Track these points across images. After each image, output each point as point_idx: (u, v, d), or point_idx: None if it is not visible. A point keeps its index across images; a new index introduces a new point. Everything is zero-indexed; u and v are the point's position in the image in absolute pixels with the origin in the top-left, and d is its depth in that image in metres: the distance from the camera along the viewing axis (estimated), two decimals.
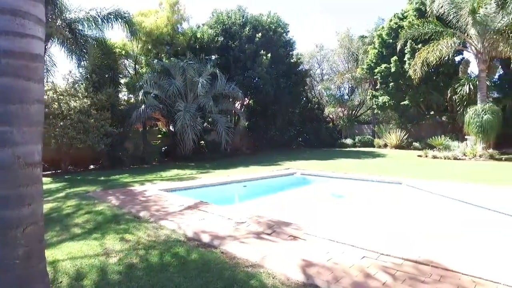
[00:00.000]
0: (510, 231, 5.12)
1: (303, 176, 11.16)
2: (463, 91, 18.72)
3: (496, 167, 12.04)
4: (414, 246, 4.03)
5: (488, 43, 15.78)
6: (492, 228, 5.42)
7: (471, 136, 16.25)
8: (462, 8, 16.03)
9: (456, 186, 8.15)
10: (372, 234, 4.82)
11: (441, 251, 3.79)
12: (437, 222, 5.92)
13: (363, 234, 4.55)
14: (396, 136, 22.48)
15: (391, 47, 21.69)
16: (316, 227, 4.58)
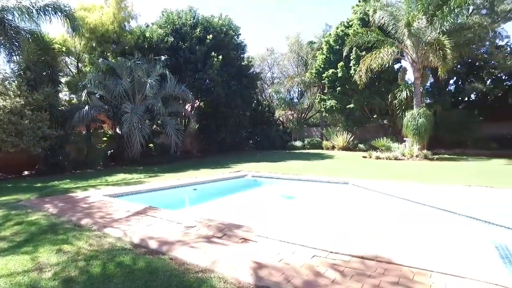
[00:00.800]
0: (441, 223, 5.57)
1: (254, 178, 11.22)
2: (402, 97, 20.22)
3: (430, 167, 13.09)
4: (361, 242, 4.21)
5: (421, 54, 17.19)
6: (427, 221, 5.86)
7: (409, 138, 17.53)
8: (399, 20, 17.30)
9: (396, 184, 8.72)
10: (322, 233, 4.96)
11: (385, 246, 4.00)
12: (380, 218, 6.26)
13: (313, 233, 4.65)
14: (343, 138, 23.58)
15: (338, 53, 22.73)
16: (267, 228, 4.60)
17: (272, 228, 4.73)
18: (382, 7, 18.44)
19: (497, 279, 2.88)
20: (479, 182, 8.98)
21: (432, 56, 15.99)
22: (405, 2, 18.01)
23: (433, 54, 15.91)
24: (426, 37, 16.76)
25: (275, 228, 4.68)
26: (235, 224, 4.83)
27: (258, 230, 4.51)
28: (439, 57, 15.63)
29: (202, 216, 5.28)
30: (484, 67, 21.49)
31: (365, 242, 4.29)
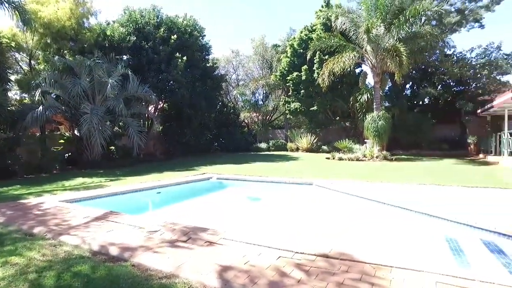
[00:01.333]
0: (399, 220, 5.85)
1: (219, 181, 11.15)
2: (363, 100, 21.06)
3: (388, 167, 13.73)
4: (325, 241, 4.31)
5: (380, 59, 18.01)
6: (386, 219, 6.12)
7: (370, 140, 18.26)
8: (360, 26, 18.01)
9: (358, 184, 9.04)
10: (287, 234, 5.02)
11: (348, 244, 4.12)
12: (343, 218, 6.45)
13: (279, 234, 4.69)
14: (307, 140, 24.08)
15: (302, 57, 23.21)
16: (233, 231, 4.58)
17: (238, 230, 4.71)
18: (343, 13, 19.10)
19: (448, 271, 3.06)
20: (431, 180, 9.55)
21: (389, 61, 16.81)
22: (365, 9, 18.79)
23: (390, 60, 16.73)
24: (384, 43, 17.58)
25: (241, 231, 4.67)
26: (200, 227, 4.76)
27: (224, 233, 4.47)
28: (396, 63, 16.45)
29: (166, 220, 5.15)
30: (435, 74, 22.92)
31: (329, 241, 4.39)
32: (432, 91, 22.08)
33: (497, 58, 21.61)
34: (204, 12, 48.61)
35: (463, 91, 22.82)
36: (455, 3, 21.76)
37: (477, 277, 2.92)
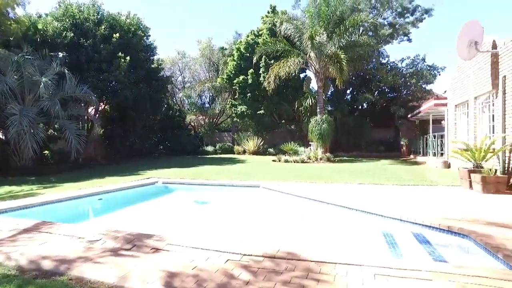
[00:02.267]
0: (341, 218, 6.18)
1: (165, 185, 10.83)
2: (307, 104, 21.92)
3: (331, 168, 14.42)
4: (273, 242, 4.40)
5: (323, 65, 18.91)
6: (329, 218, 6.43)
7: (314, 142, 19.04)
8: (304, 33, 18.74)
9: (303, 185, 9.38)
10: (235, 236, 5.03)
11: (294, 244, 4.25)
12: (289, 218, 6.63)
13: (227, 237, 4.69)
14: (253, 143, 24.38)
15: (248, 60, 23.48)
16: (180, 236, 4.48)
17: (185, 235, 4.62)
18: (288, 19, 19.76)
19: (385, 263, 3.32)
20: (370, 180, 10.24)
21: (331, 68, 17.72)
22: (309, 17, 19.61)
23: (332, 66, 17.64)
24: (327, 50, 18.49)
25: (188, 235, 4.59)
26: (145, 233, 4.58)
27: (170, 238, 4.36)
28: (337, 69, 17.39)
29: (108, 227, 4.87)
30: (373, 80, 24.70)
31: (276, 242, 4.50)
32: (369, 97, 23.71)
33: (422, 69, 23.92)
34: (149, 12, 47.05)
35: (396, 97, 24.86)
36: (387, 17, 23.73)
37: (408, 266, 3.20)
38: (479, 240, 3.95)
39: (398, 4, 22.82)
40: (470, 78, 11.39)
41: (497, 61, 9.35)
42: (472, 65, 11.11)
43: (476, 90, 10.96)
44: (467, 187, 8.71)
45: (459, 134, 13.30)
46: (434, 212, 5.59)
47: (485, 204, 6.59)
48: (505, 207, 6.38)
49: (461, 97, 12.66)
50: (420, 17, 23.11)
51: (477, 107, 11.25)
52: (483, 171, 8.35)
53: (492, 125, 10.06)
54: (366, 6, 22.61)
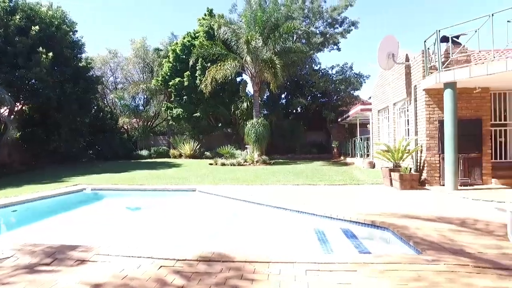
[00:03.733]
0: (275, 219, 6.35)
1: (94, 192, 10.09)
2: (243, 107, 22.19)
3: (267, 170, 14.76)
4: (207, 245, 4.35)
5: (258, 69, 19.35)
6: (264, 218, 6.56)
7: (250, 145, 19.32)
8: (240, 37, 18.98)
9: (239, 188, 9.46)
10: (170, 242, 4.88)
11: (229, 246, 4.26)
12: (224, 221, 6.63)
13: (161, 244, 4.52)
14: (190, 147, 23.91)
15: (184, 62, 23.04)
16: (109, 245, 4.20)
17: (115, 244, 4.35)
18: (225, 23, 19.85)
19: (315, 259, 3.49)
20: (304, 181, 10.72)
21: (266, 72, 18.21)
22: (245, 22, 19.94)
23: (267, 70, 18.14)
24: (262, 55, 18.95)
25: (119, 244, 4.33)
26: (69, 245, 4.21)
27: (98, 248, 4.07)
28: (272, 74, 17.93)
29: (24, 242, 4.37)
30: (306, 86, 25.97)
31: (211, 245, 4.46)
32: (303, 101, 24.85)
33: (350, 76, 25.81)
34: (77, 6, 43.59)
35: (327, 102, 26.43)
36: (319, 27, 25.19)
37: (336, 260, 3.41)
38: (397, 231, 4.37)
39: (328, 15, 24.38)
40: (390, 86, 12.57)
41: (410, 72, 10.47)
42: (391, 74, 12.28)
43: (394, 97, 12.13)
44: (388, 185, 9.58)
45: (382, 137, 14.58)
46: (360, 209, 6.04)
47: (402, 199, 7.31)
48: (417, 200, 7.16)
49: (383, 103, 13.89)
50: (348, 28, 24.96)
51: (395, 112, 12.45)
52: (400, 170, 9.26)
53: (407, 128, 11.21)
54: (300, 15, 23.74)
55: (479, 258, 3.35)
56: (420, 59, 9.57)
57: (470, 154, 9.03)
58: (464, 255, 3.42)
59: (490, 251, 3.62)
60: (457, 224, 4.84)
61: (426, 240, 3.92)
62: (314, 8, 24.01)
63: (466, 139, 8.74)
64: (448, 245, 3.76)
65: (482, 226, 4.77)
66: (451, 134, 8.33)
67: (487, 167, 9.16)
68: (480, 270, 3.06)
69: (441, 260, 3.24)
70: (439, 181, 9.19)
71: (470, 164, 9.07)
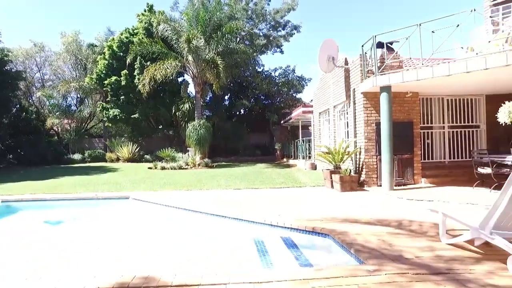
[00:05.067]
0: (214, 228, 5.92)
1: (6, 204, 8.75)
2: (185, 108, 21.39)
3: (210, 174, 14.27)
4: (130, 266, 3.79)
5: (200, 70, 18.76)
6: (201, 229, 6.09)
7: (192, 148, 18.63)
8: (181, 36, 18.23)
9: (178, 194, 8.87)
10: (86, 264, 4.19)
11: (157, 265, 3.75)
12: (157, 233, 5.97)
13: (74, 267, 3.85)
14: (128, 150, 22.45)
15: (121, 60, 21.61)
16: (10, 270, 3.44)
17: (19, 268, 3.59)
18: (166, 20, 18.96)
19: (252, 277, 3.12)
20: (246, 185, 10.43)
21: (209, 73, 17.70)
22: (187, 20, 19.23)
23: (209, 71, 17.64)
24: (204, 55, 18.40)
25: (23, 268, 3.58)
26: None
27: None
28: (214, 75, 17.47)
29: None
30: (249, 87, 25.90)
31: (134, 265, 3.90)
32: (246, 103, 24.75)
33: (293, 79, 26.30)
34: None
35: (270, 104, 26.63)
36: (262, 29, 25.31)
37: (274, 277, 3.07)
38: (338, 238, 4.21)
39: (272, 18, 24.58)
40: (331, 88, 12.84)
41: (349, 75, 10.74)
42: (331, 77, 12.54)
43: (335, 100, 12.40)
44: (329, 187, 9.67)
45: (323, 139, 14.88)
46: (301, 214, 5.87)
47: (342, 202, 7.34)
48: (356, 202, 7.23)
49: (324, 105, 14.17)
50: (290, 32, 25.42)
51: (336, 114, 12.74)
52: (341, 172, 9.39)
53: (347, 130, 11.50)
54: (243, 16, 23.59)
55: (417, 264, 3.28)
56: (358, 63, 9.83)
57: (404, 155, 9.46)
58: (403, 262, 3.33)
59: (425, 254, 3.60)
60: (394, 227, 4.85)
61: (367, 247, 3.80)
62: (258, 10, 24.06)
63: (400, 141, 9.13)
64: (388, 251, 3.67)
65: (416, 227, 4.83)
66: (387, 136, 8.62)
67: (418, 167, 9.68)
68: (419, 278, 2.96)
69: (382, 269, 3.10)
70: (376, 181, 9.49)
71: (404, 164, 9.50)
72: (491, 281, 2.91)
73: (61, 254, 4.78)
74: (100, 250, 4.91)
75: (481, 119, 10.74)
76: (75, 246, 5.18)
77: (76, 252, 4.87)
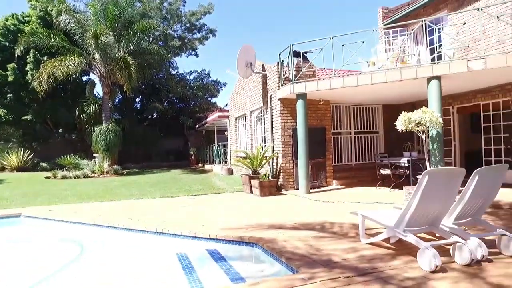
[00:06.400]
0: (130, 247, 5.31)
1: None
2: (90, 111, 19.36)
3: (120, 182, 13.10)
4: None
5: (109, 69, 17.23)
6: (113, 247, 5.42)
7: (99, 154, 16.92)
8: (87, 30, 16.48)
9: (81, 207, 7.85)
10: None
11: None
12: (55, 257, 5.05)
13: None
14: (17, 157, 19.27)
15: (7, 51, 18.65)
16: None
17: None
18: (68, 10, 16.92)
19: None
20: (162, 193, 9.80)
21: (119, 73, 16.34)
22: (93, 13, 17.47)
23: (120, 71, 16.29)
24: (114, 53, 16.94)
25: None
26: None
27: None
28: (125, 75, 16.20)
29: None
30: (162, 90, 24.81)
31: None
32: (159, 106, 23.63)
33: (208, 83, 26.11)
34: None
35: (184, 108, 25.94)
36: (177, 30, 24.56)
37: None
38: (267, 247, 4.12)
39: (187, 20, 24.00)
40: (247, 94, 12.97)
41: (266, 82, 10.99)
42: (248, 83, 12.68)
43: (251, 105, 12.56)
44: (248, 192, 9.69)
45: (240, 144, 14.96)
46: (225, 223, 5.66)
47: (264, 207, 7.36)
48: (278, 207, 7.34)
49: (240, 111, 14.26)
50: (206, 35, 25.19)
51: (252, 120, 12.91)
52: (260, 177, 9.48)
53: (264, 136, 11.74)
54: (157, 15, 22.54)
55: (346, 267, 3.37)
56: (275, 70, 10.11)
57: (317, 159, 10.01)
58: (333, 266, 3.39)
59: (350, 256, 3.73)
60: (318, 230, 5.00)
61: (297, 254, 3.79)
62: (173, 10, 23.27)
63: (314, 146, 9.62)
64: (317, 256, 3.71)
65: (337, 229, 5.06)
66: (303, 141, 9.01)
67: (330, 170, 10.36)
68: (350, 281, 3.03)
69: (316, 276, 3.09)
70: (293, 185, 9.84)
71: (317, 168, 10.06)
72: (407, 274, 3.13)
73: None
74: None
75: (380, 126, 12.07)
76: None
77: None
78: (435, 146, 7.36)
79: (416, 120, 6.87)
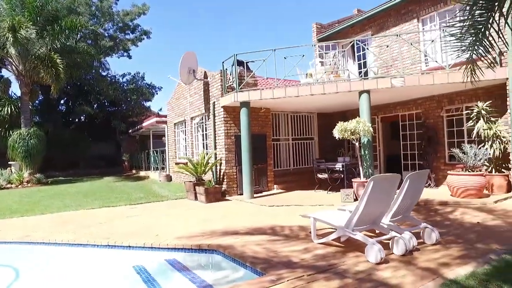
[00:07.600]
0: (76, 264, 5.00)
1: None
2: (5, 113, 17.24)
3: (47, 193, 11.96)
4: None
5: (30, 67, 15.61)
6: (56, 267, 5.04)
7: (17, 162, 15.18)
8: (2, 21, 14.71)
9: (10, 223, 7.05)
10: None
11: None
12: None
13: None
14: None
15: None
16: None
17: None
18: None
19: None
20: (100, 203, 9.23)
21: (44, 72, 14.89)
22: (6, 2, 15.60)
23: (45, 70, 14.86)
24: (35, 50, 15.39)
25: None
26: None
27: None
28: (52, 75, 14.84)
29: None
30: (92, 92, 23.14)
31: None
32: (88, 109, 22.04)
33: (142, 86, 25.09)
34: None
35: (116, 111, 24.51)
36: (109, 29, 23.16)
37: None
38: (228, 252, 4.26)
39: (120, 19, 22.80)
40: (188, 100, 12.87)
41: (208, 89, 11.08)
42: (189, 89, 12.60)
43: (192, 111, 12.51)
44: (192, 199, 9.64)
45: (179, 150, 14.72)
46: (179, 231, 5.63)
47: (213, 214, 7.43)
48: (226, 213, 7.47)
49: (180, 116, 14.06)
50: (139, 36, 24.18)
51: (193, 126, 12.85)
52: (205, 184, 9.51)
53: (205, 142, 11.77)
54: (86, 12, 20.98)
55: (306, 266, 3.68)
56: (218, 78, 10.26)
57: (259, 164, 10.39)
58: (294, 266, 3.67)
59: (306, 255, 4.07)
60: (270, 234, 5.28)
61: (258, 257, 4.00)
62: (104, 7, 21.91)
63: (256, 152, 9.97)
64: (278, 258, 3.97)
65: (288, 231, 5.40)
66: (247, 147, 9.30)
67: (271, 175, 10.82)
68: (313, 278, 3.33)
69: (282, 277, 3.33)
70: (236, 191, 10.06)
71: (259, 173, 10.44)
72: (358, 268, 3.57)
73: None
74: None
75: (315, 132, 12.96)
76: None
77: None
78: (366, 152, 8.23)
79: (351, 129, 7.64)
